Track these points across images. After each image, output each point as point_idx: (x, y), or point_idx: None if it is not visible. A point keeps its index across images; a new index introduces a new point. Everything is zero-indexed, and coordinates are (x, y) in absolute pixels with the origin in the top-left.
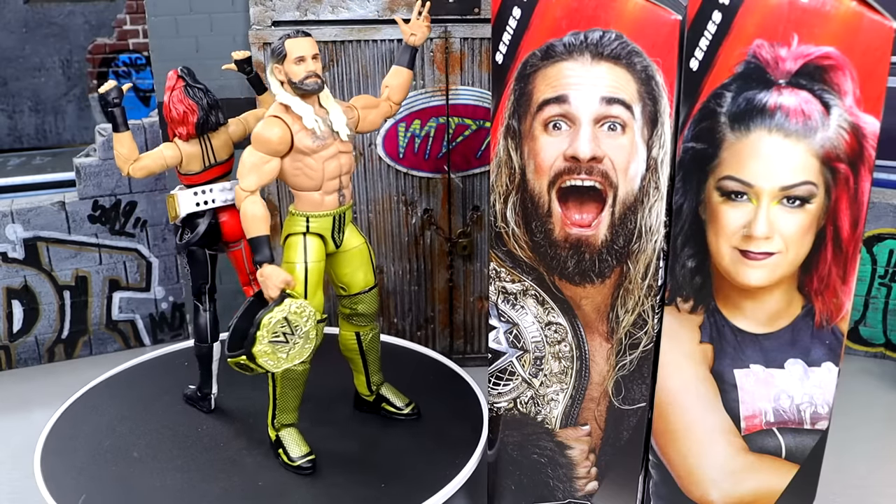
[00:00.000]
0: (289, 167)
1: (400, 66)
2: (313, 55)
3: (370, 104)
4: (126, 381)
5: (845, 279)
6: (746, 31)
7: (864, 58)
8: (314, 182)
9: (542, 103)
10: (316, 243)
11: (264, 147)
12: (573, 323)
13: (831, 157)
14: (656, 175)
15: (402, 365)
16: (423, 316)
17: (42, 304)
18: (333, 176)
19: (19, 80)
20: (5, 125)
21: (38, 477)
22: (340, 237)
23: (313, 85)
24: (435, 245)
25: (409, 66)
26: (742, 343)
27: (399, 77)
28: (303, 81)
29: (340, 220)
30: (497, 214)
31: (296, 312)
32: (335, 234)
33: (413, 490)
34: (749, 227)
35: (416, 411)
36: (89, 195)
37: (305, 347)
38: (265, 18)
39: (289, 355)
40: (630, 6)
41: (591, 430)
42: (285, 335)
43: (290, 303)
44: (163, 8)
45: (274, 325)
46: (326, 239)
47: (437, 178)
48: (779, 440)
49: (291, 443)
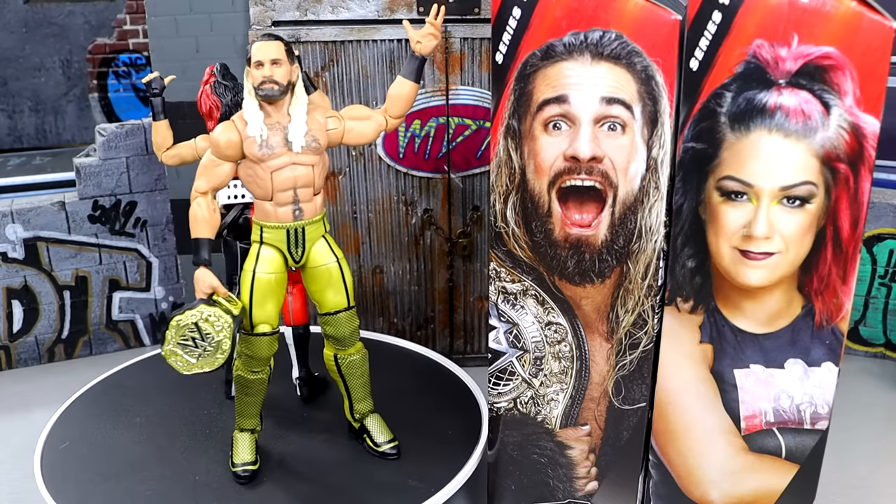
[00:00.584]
0: (242, 173)
1: (403, 77)
2: (272, 60)
3: (360, 115)
4: (126, 381)
5: (845, 279)
6: (746, 31)
7: (864, 58)
8: (264, 192)
9: (542, 103)
10: (271, 255)
11: (214, 150)
12: (573, 323)
13: (831, 157)
14: (656, 175)
15: (402, 365)
16: (423, 316)
17: (42, 304)
18: (285, 188)
19: (19, 80)
20: (5, 125)
21: (38, 477)
22: (299, 252)
23: (268, 91)
24: (435, 245)
25: (412, 79)
26: (742, 343)
27: (399, 88)
28: (259, 87)
29: (297, 234)
30: (497, 214)
31: (208, 320)
32: (291, 248)
33: (413, 490)
34: (749, 227)
35: (395, 451)
36: (89, 195)
37: (217, 357)
38: (265, 18)
39: (198, 361)
40: (630, 6)
41: (591, 430)
42: (194, 340)
43: (204, 309)
44: (163, 8)
45: (182, 329)
46: (284, 252)
47: (437, 178)
48: (779, 440)
49: (240, 447)
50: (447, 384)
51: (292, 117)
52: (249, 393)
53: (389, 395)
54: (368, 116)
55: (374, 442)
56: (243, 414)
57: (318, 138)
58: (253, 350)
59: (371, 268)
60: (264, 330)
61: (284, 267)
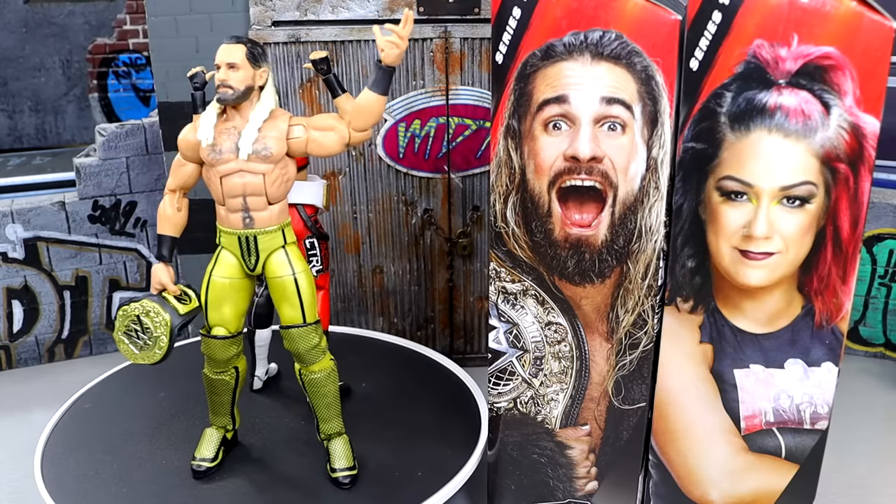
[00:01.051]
0: (203, 174)
1: (367, 88)
2: (229, 64)
3: (323, 126)
4: (126, 381)
5: (845, 279)
6: (746, 31)
7: (864, 58)
8: (216, 196)
9: (542, 103)
10: (229, 259)
11: (179, 148)
12: (573, 323)
13: (831, 157)
14: (656, 175)
15: (402, 365)
16: (423, 316)
17: (42, 304)
18: (234, 195)
19: (19, 80)
20: (5, 125)
21: (38, 477)
22: (252, 261)
23: (221, 95)
24: (435, 245)
25: (377, 90)
26: (742, 343)
27: (361, 100)
28: (216, 90)
29: (248, 242)
30: (497, 214)
31: (149, 315)
32: (244, 255)
33: (413, 490)
34: (749, 227)
35: (348, 480)
36: (89, 195)
37: (155, 352)
38: (265, 18)
39: (140, 352)
40: (630, 6)
41: (591, 429)
42: (136, 332)
43: (147, 304)
44: (163, 8)
45: (126, 319)
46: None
47: (437, 178)
48: (779, 440)
49: (203, 442)
50: (447, 384)
51: (249, 123)
52: (214, 392)
53: (389, 395)
54: (332, 128)
55: (330, 466)
56: (213, 411)
57: (269, 147)
58: (208, 351)
59: (371, 268)
60: (219, 333)
61: (243, 272)
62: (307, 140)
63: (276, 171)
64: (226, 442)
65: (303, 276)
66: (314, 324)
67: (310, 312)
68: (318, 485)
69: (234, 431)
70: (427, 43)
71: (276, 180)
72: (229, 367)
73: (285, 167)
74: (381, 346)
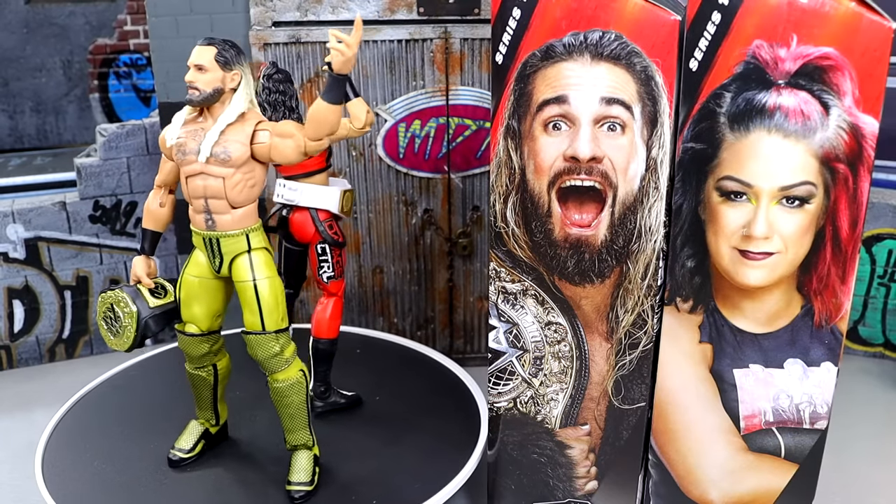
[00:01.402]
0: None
1: (319, 97)
2: (196, 66)
3: (284, 133)
4: (127, 381)
5: (844, 279)
6: (746, 32)
7: (864, 58)
8: (185, 195)
9: (542, 103)
10: (199, 258)
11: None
12: (573, 323)
13: (830, 158)
14: (656, 175)
15: (402, 364)
16: (423, 316)
17: (43, 304)
18: (196, 196)
19: (20, 81)
20: (6, 125)
21: (39, 477)
22: (217, 262)
23: (189, 96)
24: (435, 245)
25: (327, 99)
26: (741, 343)
27: (313, 109)
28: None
29: (211, 244)
30: (497, 214)
31: (119, 304)
32: (210, 257)
33: (413, 490)
34: (748, 227)
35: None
36: (90, 195)
37: (123, 340)
38: (266, 19)
39: (114, 339)
40: (630, 7)
41: (590, 429)
42: (109, 319)
43: (119, 294)
44: (163, 8)
45: (102, 306)
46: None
47: (437, 178)
48: (778, 440)
49: (185, 433)
50: (447, 384)
51: (215, 125)
52: (194, 386)
53: (389, 394)
54: (291, 135)
55: (287, 478)
56: (197, 405)
57: (229, 150)
58: (182, 346)
59: (371, 268)
60: (190, 330)
61: (213, 272)
62: (270, 146)
63: (237, 175)
64: (209, 436)
65: (264, 283)
66: (276, 332)
67: (270, 320)
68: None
69: (219, 427)
70: (427, 43)
71: (237, 185)
72: (206, 363)
73: (250, 172)
74: (381, 346)
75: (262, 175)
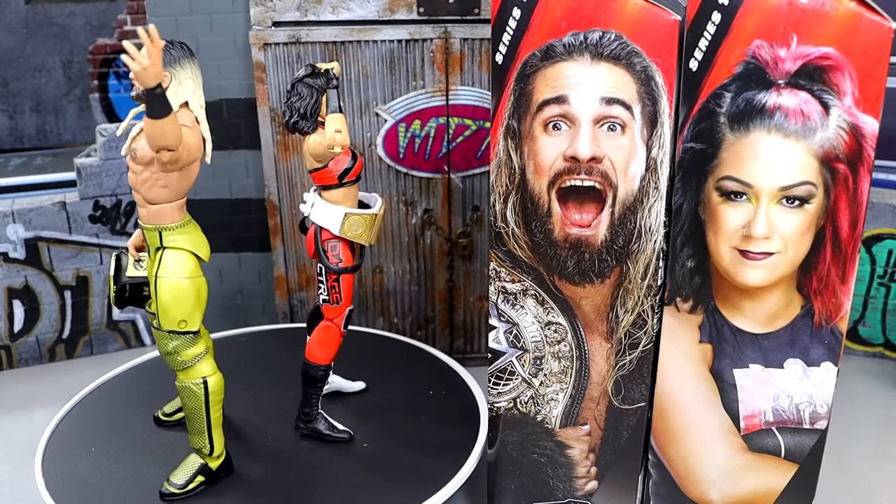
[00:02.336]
0: None
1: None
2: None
3: None
4: (127, 382)
5: (844, 279)
6: (746, 32)
7: (863, 58)
8: None
9: (542, 103)
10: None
11: None
12: (573, 323)
13: (830, 158)
14: (656, 175)
15: (402, 362)
16: (423, 316)
17: (43, 304)
18: (132, 187)
19: (20, 81)
20: (6, 125)
21: (39, 477)
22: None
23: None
24: (435, 245)
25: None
26: (741, 343)
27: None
28: None
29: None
30: (497, 214)
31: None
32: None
33: (413, 489)
34: (748, 227)
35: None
36: (90, 195)
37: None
38: (266, 19)
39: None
40: (630, 7)
41: (590, 429)
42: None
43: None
44: (163, 8)
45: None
46: None
47: (437, 179)
48: (778, 440)
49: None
50: (447, 383)
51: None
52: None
53: (389, 393)
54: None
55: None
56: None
57: (136, 148)
58: None
59: (371, 268)
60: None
61: None
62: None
63: (145, 173)
64: None
65: (162, 282)
66: (169, 332)
67: (164, 319)
68: (317, 484)
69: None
70: (427, 43)
71: (145, 182)
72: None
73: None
74: (381, 344)
75: (175, 178)
